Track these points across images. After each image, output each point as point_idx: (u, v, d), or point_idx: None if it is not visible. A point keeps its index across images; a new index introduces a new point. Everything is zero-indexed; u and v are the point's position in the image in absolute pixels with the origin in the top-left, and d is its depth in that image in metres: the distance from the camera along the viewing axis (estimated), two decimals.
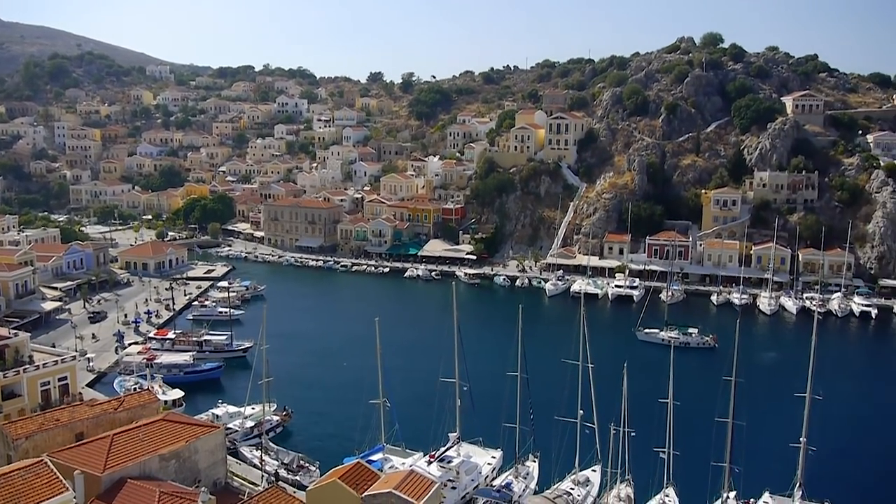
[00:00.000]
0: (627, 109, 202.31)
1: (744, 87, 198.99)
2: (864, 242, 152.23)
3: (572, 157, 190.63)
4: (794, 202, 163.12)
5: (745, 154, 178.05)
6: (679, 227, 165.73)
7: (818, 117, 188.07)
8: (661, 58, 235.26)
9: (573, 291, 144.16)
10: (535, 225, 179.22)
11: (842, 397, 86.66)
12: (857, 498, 63.78)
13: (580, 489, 62.81)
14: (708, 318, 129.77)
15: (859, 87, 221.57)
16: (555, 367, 68.27)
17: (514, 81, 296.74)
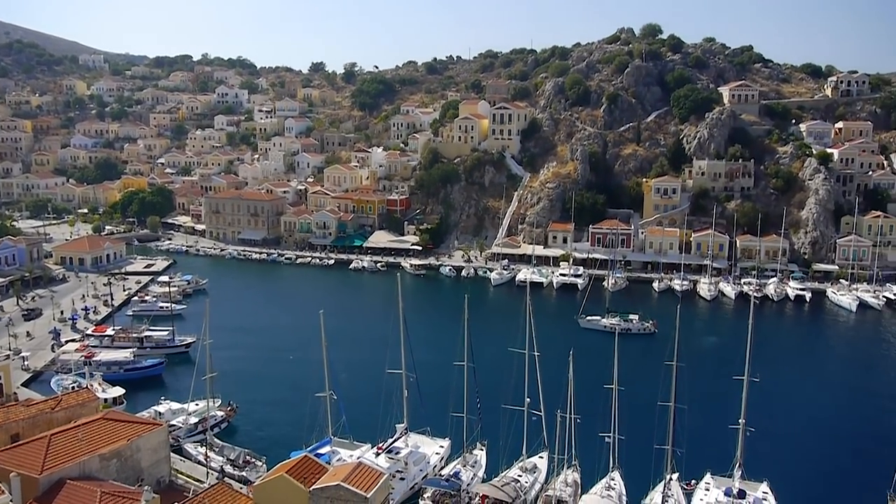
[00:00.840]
0: (569, 99, 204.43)
1: (682, 78, 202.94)
2: (798, 228, 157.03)
3: (516, 147, 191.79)
4: (731, 190, 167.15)
5: (685, 143, 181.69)
6: (621, 216, 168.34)
7: (753, 107, 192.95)
8: (601, 48, 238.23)
9: (518, 280, 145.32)
10: (480, 215, 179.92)
11: (778, 379, 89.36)
12: (793, 475, 65.82)
13: (528, 476, 63.44)
14: (650, 305, 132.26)
15: (792, 77, 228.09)
16: (501, 356, 68.70)
17: (457, 72, 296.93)
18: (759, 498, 58.29)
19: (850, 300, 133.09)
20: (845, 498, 64.05)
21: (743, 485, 58.92)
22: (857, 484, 65.66)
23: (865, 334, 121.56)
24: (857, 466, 69.55)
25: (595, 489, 60.27)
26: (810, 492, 64.62)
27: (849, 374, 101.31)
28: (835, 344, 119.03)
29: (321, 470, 47.07)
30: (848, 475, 68.21)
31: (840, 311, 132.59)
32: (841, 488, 65.90)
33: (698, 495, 60.00)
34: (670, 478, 59.29)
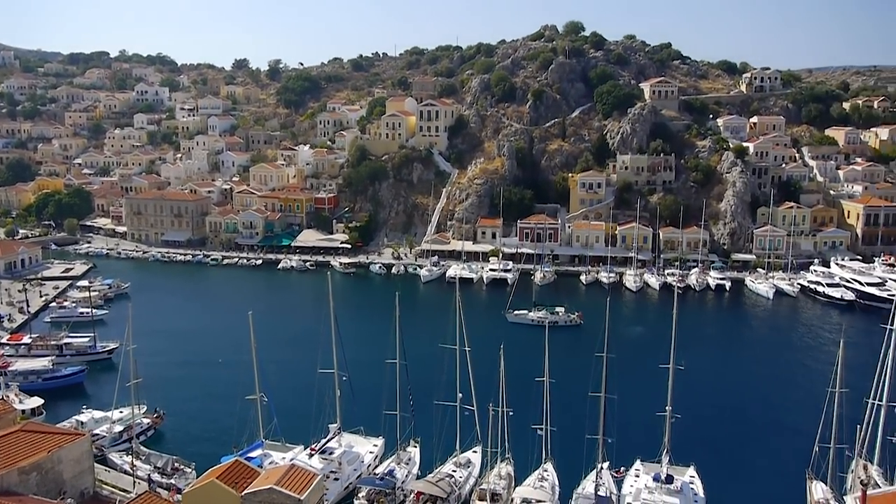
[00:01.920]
0: (496, 96, 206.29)
1: (605, 74, 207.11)
2: (718, 220, 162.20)
3: (443, 144, 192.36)
4: (653, 183, 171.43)
5: (608, 138, 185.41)
6: (548, 211, 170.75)
7: (673, 102, 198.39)
8: (526, 45, 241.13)
9: (448, 277, 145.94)
10: (409, 212, 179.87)
11: (702, 366, 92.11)
12: (717, 458, 68.02)
13: (462, 471, 63.76)
14: (578, 297, 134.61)
15: (709, 73, 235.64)
16: (433, 353, 68.80)
17: (383, 68, 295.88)
18: (686, 482, 60.01)
19: (767, 288, 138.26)
20: (766, 477, 66.49)
21: (671, 470, 60.51)
22: (777, 464, 68.27)
23: (782, 320, 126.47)
24: (776, 447, 72.26)
25: (528, 481, 60.98)
26: (734, 473, 66.91)
27: (767, 358, 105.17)
28: (754, 330, 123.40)
29: (253, 474, 46.27)
30: (768, 456, 70.82)
31: (758, 299, 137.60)
32: (762, 468, 68.41)
33: (629, 482, 61.42)
34: (601, 466, 60.42)
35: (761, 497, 63.34)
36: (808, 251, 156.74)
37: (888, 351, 58.56)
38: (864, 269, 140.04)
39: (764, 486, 64.94)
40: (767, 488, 64.54)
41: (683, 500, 57.09)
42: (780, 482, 64.58)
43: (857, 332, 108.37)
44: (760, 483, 65.72)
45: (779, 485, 64.30)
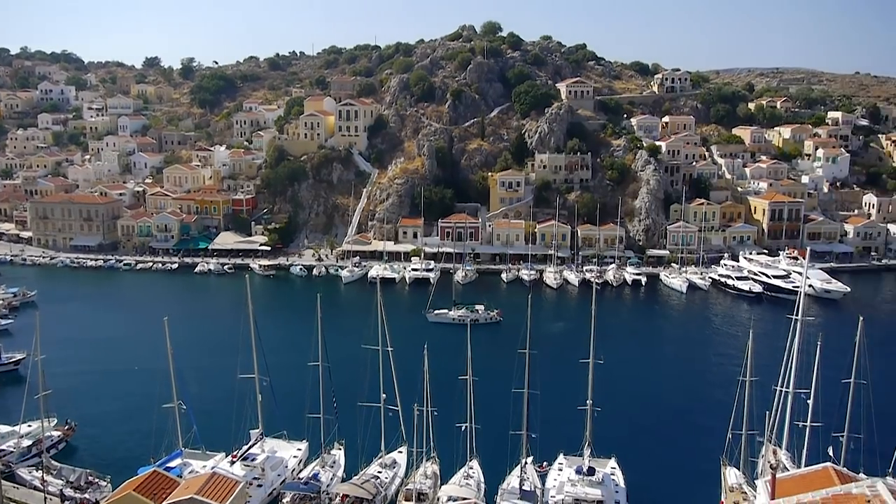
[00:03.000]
0: (415, 96, 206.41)
1: (522, 74, 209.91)
2: (633, 217, 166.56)
3: (363, 144, 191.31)
4: (571, 182, 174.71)
5: (527, 137, 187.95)
6: (469, 210, 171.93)
7: (589, 102, 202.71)
8: (444, 45, 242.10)
9: (370, 277, 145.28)
10: (330, 213, 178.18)
11: (621, 360, 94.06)
12: (637, 449, 69.77)
13: (387, 472, 63.55)
14: (500, 295, 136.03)
15: (623, 74, 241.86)
16: (356, 354, 68.31)
17: (300, 68, 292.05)
18: (607, 473, 61.37)
19: (680, 282, 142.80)
20: (684, 465, 68.57)
21: (593, 462, 61.77)
22: (693, 452, 70.48)
23: (695, 313, 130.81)
24: (692, 436, 74.65)
25: (454, 479, 61.22)
26: (653, 463, 68.73)
27: (682, 350, 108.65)
28: (669, 323, 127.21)
29: (172, 484, 45.03)
30: (685, 444, 73.14)
31: (672, 293, 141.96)
32: (680, 457, 70.54)
33: (552, 475, 62.39)
34: (525, 461, 61.23)
35: (679, 484, 65.29)
36: (719, 246, 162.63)
37: (794, 340, 61.16)
38: (770, 263, 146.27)
39: (681, 474, 66.98)
40: (685, 475, 66.60)
41: (605, 491, 58.34)
42: (696, 469, 66.72)
43: (765, 322, 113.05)
44: (678, 471, 67.74)
45: (695, 472, 66.44)
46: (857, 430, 59.90)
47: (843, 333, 72.84)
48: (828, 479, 36.15)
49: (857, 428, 59.88)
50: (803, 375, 60.89)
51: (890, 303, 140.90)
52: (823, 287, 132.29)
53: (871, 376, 60.17)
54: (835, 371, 61.43)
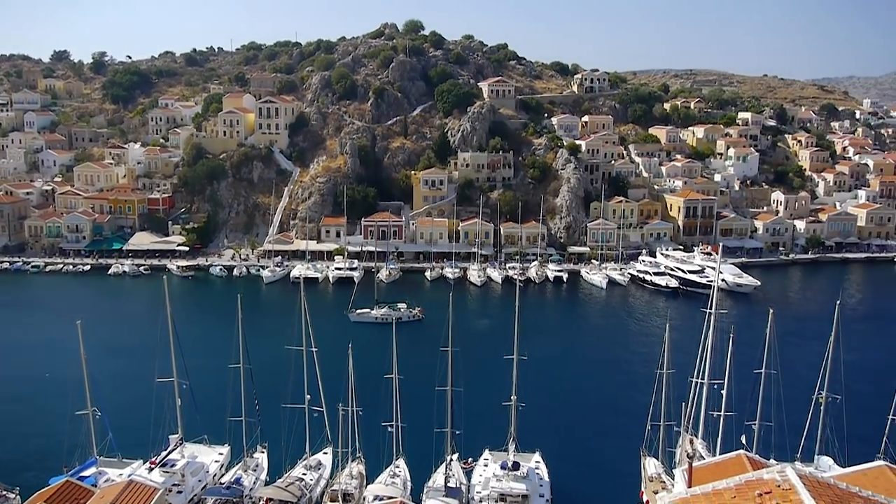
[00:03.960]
0: (337, 93, 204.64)
1: (444, 73, 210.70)
2: (554, 214, 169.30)
3: (284, 142, 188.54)
4: (493, 180, 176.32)
5: (449, 136, 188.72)
6: (392, 208, 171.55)
7: (510, 101, 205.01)
8: (366, 43, 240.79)
9: (293, 277, 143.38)
10: (250, 212, 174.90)
11: (544, 355, 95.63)
12: (561, 443, 70.98)
13: (312, 473, 62.76)
14: (424, 293, 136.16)
15: (543, 74, 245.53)
16: (279, 355, 67.23)
17: (219, 63, 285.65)
18: (532, 468, 62.11)
19: (600, 278, 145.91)
20: (606, 457, 70.08)
21: (517, 457, 62.41)
22: (614, 443, 72.02)
23: (615, 308, 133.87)
24: (613, 428, 76.29)
25: (380, 478, 60.96)
26: (576, 455, 70.02)
27: (603, 344, 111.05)
28: (590, 318, 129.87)
29: (86, 494, 43.37)
30: (607, 436, 74.71)
31: (593, 289, 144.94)
32: (602, 449, 72.04)
33: (478, 471, 62.79)
34: (451, 458, 61.44)
35: (601, 476, 66.69)
36: (637, 242, 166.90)
37: (708, 333, 63.18)
38: (685, 258, 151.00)
39: (603, 465, 68.45)
40: (606, 467, 68.08)
41: (529, 485, 59.04)
42: (617, 460, 68.27)
43: (681, 316, 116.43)
44: (600, 462, 69.19)
45: (616, 463, 67.97)
46: (767, 418, 62.33)
47: (754, 325, 75.80)
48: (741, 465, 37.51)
49: (767, 416, 62.31)
50: (717, 367, 62.96)
51: (797, 295, 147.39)
52: (735, 281, 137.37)
53: (780, 366, 62.73)
54: (747, 362, 63.80)
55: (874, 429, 63.50)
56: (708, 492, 21.63)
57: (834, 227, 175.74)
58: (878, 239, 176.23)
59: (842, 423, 62.34)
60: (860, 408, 69.93)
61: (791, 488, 20.15)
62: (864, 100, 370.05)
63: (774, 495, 20.11)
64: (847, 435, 61.27)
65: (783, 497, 19.92)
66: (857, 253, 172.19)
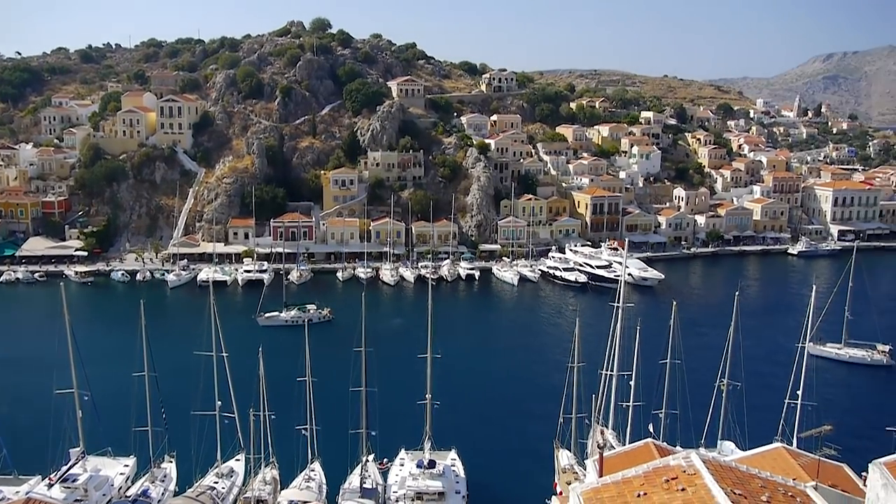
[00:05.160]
0: (242, 92, 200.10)
1: (353, 72, 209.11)
2: (465, 213, 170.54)
3: (188, 142, 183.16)
4: (404, 179, 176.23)
5: (359, 135, 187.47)
6: (302, 209, 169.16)
7: (420, 100, 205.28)
8: (272, 41, 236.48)
9: (200, 280, 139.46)
10: (153, 214, 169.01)
11: (458, 353, 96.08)
12: (477, 439, 71.52)
13: (224, 481, 61.21)
14: (336, 294, 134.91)
15: (452, 73, 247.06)
16: (187, 361, 65.20)
17: (117, 61, 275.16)
18: (448, 465, 62.39)
19: (511, 275, 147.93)
20: (520, 451, 71.03)
21: (433, 455, 62.59)
22: (528, 437, 73.10)
23: (526, 304, 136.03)
24: (528, 422, 77.43)
25: (294, 483, 60.06)
26: (491, 451, 70.74)
27: (516, 340, 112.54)
28: (503, 315, 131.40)
29: None
30: (521, 431, 75.76)
31: (504, 286, 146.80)
32: (517, 443, 73.00)
33: (394, 471, 62.66)
34: (366, 459, 61.09)
35: (516, 470, 67.57)
36: (546, 239, 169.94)
37: (615, 326, 64.93)
38: (593, 254, 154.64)
39: (518, 459, 69.37)
40: (521, 461, 69.03)
41: (445, 482, 59.28)
42: (531, 454, 69.30)
43: (591, 310, 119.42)
44: (515, 457, 70.10)
45: (531, 456, 69.00)
46: (673, 406, 64.54)
47: (659, 317, 78.39)
48: (649, 453, 38.56)
49: (673, 404, 64.51)
50: (625, 358, 64.81)
51: (699, 287, 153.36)
52: (641, 275, 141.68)
53: (684, 356, 65.07)
54: (653, 352, 65.93)
55: (772, 413, 66.73)
56: (618, 480, 22.13)
57: (731, 221, 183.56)
58: (772, 232, 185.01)
59: (742, 409, 65.19)
60: (759, 393, 73.41)
61: (696, 473, 20.84)
62: (758, 100, 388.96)
63: (680, 480, 20.74)
64: (747, 419, 64.08)
65: (689, 482, 20.57)
66: (754, 245, 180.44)
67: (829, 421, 55.84)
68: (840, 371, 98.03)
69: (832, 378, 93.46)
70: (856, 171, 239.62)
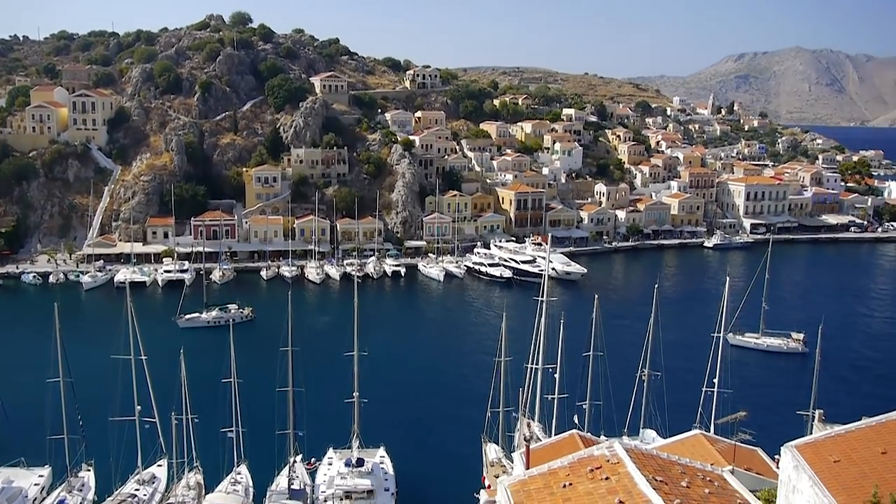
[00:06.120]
0: (160, 87, 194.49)
1: (275, 68, 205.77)
2: (390, 210, 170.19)
3: (103, 139, 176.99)
4: (328, 176, 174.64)
5: (282, 132, 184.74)
6: (224, 207, 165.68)
7: (343, 97, 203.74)
8: (191, 35, 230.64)
9: (117, 282, 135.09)
10: (66, 214, 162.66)
11: (385, 350, 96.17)
12: (406, 436, 71.60)
13: (146, 488, 59.53)
14: (260, 293, 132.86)
15: (376, 69, 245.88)
16: (104, 366, 63.07)
17: (25, 53, 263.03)
18: (376, 463, 62.30)
19: (437, 271, 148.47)
20: (449, 446, 71.47)
21: (361, 453, 62.35)
22: (457, 432, 73.55)
23: (452, 300, 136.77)
24: (456, 417, 77.92)
25: (220, 487, 58.91)
26: (420, 447, 70.97)
27: (443, 336, 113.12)
28: (429, 311, 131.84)
29: None
30: (450, 426, 76.22)
31: (430, 282, 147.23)
32: (445, 439, 73.43)
33: (322, 471, 62.19)
34: (294, 460, 60.41)
35: (445, 465, 67.96)
36: (471, 235, 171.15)
37: (540, 320, 65.96)
38: (517, 249, 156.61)
39: (447, 455, 69.79)
40: (450, 456, 69.46)
41: (374, 480, 59.19)
42: (460, 449, 69.74)
43: (516, 305, 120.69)
44: (444, 452, 70.50)
45: (459, 451, 69.42)
46: (597, 397, 66.07)
47: (582, 311, 79.95)
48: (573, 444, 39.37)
49: (597, 395, 66.02)
50: (550, 352, 65.94)
51: (620, 281, 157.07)
52: (564, 269, 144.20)
53: (606, 348, 66.63)
54: (577, 345, 67.27)
55: (691, 401, 68.97)
56: (544, 472, 22.53)
57: (650, 215, 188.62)
58: (689, 226, 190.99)
59: (663, 398, 67.21)
60: (678, 382, 75.76)
61: (619, 462, 21.39)
62: (675, 98, 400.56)
63: (604, 470, 21.26)
64: (667, 408, 66.10)
65: (612, 470, 21.10)
66: (671, 239, 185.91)
67: (745, 407, 58.01)
68: (758, 359, 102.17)
69: (750, 366, 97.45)
70: (766, 166, 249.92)
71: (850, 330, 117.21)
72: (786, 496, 26.13)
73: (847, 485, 23.49)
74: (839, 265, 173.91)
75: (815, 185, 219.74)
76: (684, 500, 19.67)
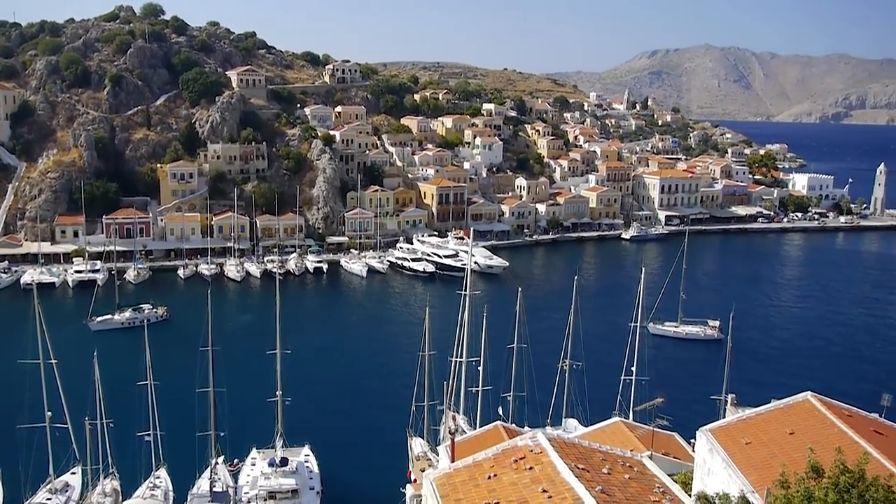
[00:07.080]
0: (67, 80, 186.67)
1: (189, 61, 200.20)
2: (311, 205, 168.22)
3: (5, 134, 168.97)
4: (247, 172, 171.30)
5: (198, 127, 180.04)
6: (137, 204, 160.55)
7: (261, 91, 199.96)
8: (99, 26, 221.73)
9: (24, 283, 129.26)
10: None
11: (309, 347, 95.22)
12: (331, 434, 71.06)
13: (59, 497, 57.31)
14: (178, 292, 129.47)
15: (294, 64, 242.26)
16: (11, 371, 60.43)
17: None
18: (301, 462, 61.62)
19: (360, 267, 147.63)
20: (374, 442, 71.22)
21: (286, 452, 61.60)
22: (382, 428, 73.45)
23: (376, 295, 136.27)
24: (381, 413, 77.73)
25: (138, 492, 57.21)
26: (346, 444, 70.48)
27: (367, 332, 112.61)
28: (352, 307, 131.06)
29: None
30: (375, 422, 75.98)
31: (353, 278, 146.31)
32: (370, 435, 73.09)
33: (245, 471, 61.14)
34: (216, 462, 59.18)
35: (371, 461, 67.70)
36: (394, 230, 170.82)
37: (463, 313, 66.43)
38: (440, 244, 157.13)
39: (372, 451, 69.52)
40: (375, 452, 69.23)
41: (299, 479, 58.55)
42: (385, 444, 69.71)
43: (440, 299, 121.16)
44: (369, 448, 70.21)
45: (385, 447, 69.38)
46: (521, 388, 66.98)
47: (505, 303, 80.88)
48: (498, 436, 39.86)
49: (521, 387, 66.94)
50: (474, 345, 66.46)
51: (541, 273, 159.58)
52: (487, 263, 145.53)
53: (529, 339, 67.62)
54: (500, 338, 68.04)
55: (610, 389, 70.70)
56: (469, 464, 22.69)
57: (570, 209, 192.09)
58: (607, 218, 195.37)
59: (584, 387, 68.67)
60: (598, 371, 77.49)
61: (542, 451, 21.73)
62: (591, 93, 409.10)
63: (528, 460, 21.56)
64: (588, 397, 67.58)
65: (535, 460, 21.42)
66: (590, 232, 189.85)
67: (662, 393, 59.90)
68: (676, 347, 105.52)
69: (669, 353, 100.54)
70: (679, 160, 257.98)
71: (760, 316, 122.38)
72: (701, 478, 27.10)
73: (757, 465, 24.52)
74: (749, 255, 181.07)
75: (726, 177, 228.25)
76: (605, 486, 20.12)
